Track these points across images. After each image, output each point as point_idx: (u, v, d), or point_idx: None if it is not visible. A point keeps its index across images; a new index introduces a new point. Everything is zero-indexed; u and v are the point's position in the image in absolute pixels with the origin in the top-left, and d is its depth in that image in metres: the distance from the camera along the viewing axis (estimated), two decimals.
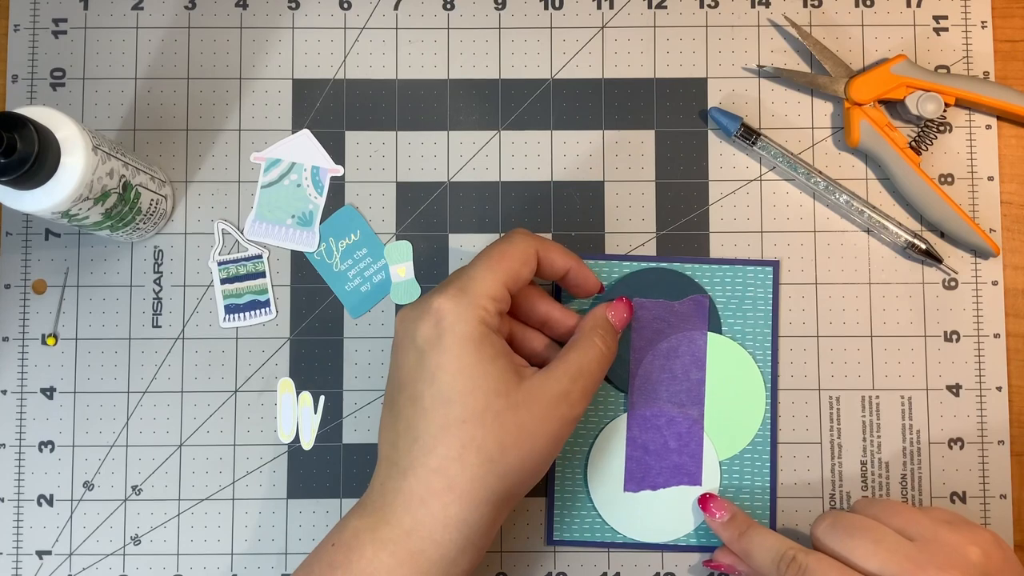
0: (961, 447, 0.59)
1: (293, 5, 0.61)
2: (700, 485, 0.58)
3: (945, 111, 0.59)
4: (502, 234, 0.55)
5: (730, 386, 0.58)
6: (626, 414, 0.58)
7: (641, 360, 0.58)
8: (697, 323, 0.59)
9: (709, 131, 0.61)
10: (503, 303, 0.50)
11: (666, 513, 0.58)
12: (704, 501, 0.56)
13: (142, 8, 0.61)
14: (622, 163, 0.60)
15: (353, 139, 0.61)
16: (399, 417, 0.49)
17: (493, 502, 0.48)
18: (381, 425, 0.50)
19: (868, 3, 0.61)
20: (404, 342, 0.49)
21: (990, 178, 0.60)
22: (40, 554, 0.58)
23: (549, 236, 0.60)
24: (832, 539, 0.50)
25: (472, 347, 0.48)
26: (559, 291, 0.59)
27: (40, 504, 0.58)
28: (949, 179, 0.60)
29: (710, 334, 0.59)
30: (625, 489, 0.58)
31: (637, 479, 0.58)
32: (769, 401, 0.58)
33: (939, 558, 0.48)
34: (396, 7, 0.62)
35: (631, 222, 0.60)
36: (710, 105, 0.61)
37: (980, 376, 0.59)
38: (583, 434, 0.58)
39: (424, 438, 0.47)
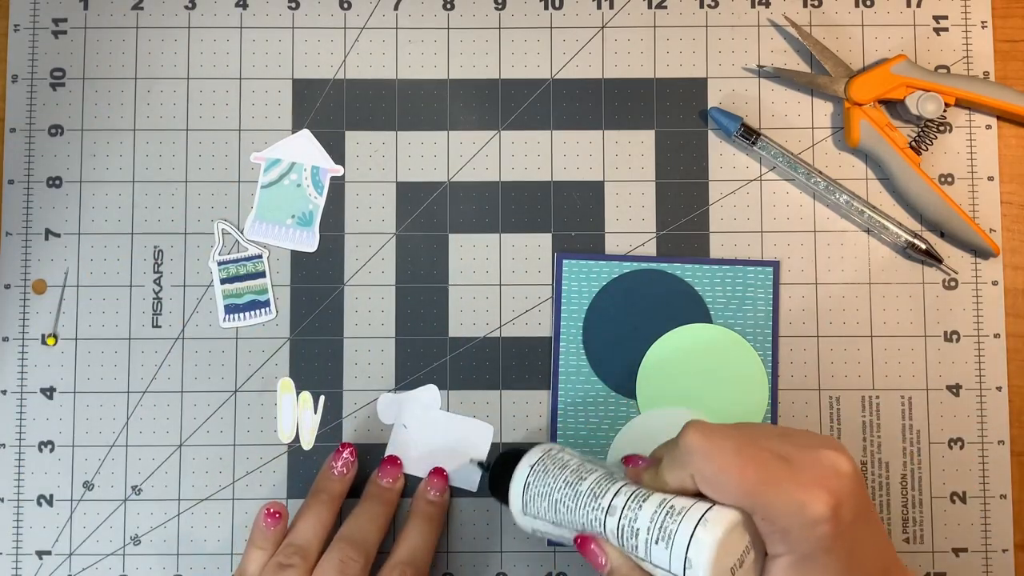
0: (961, 447, 0.59)
1: (293, 5, 0.61)
2: None
3: (945, 111, 0.59)
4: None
5: (732, 376, 0.58)
6: (639, 416, 0.58)
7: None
8: None
9: (709, 131, 0.61)
10: None
11: None
12: (584, 544, 0.48)
13: (142, 8, 0.61)
14: (622, 163, 0.60)
15: (353, 139, 0.61)
16: None
17: None
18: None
19: (868, 3, 0.61)
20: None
21: (990, 178, 0.60)
22: (40, 554, 0.58)
23: (549, 236, 0.60)
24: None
25: None
26: (560, 291, 0.59)
27: (40, 504, 0.58)
28: (949, 179, 0.60)
29: (712, 326, 0.59)
30: None
31: None
32: (771, 390, 0.59)
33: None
34: (396, 7, 0.62)
35: (631, 222, 0.60)
36: (710, 105, 0.61)
37: (980, 376, 0.59)
38: (594, 439, 0.58)
39: None
